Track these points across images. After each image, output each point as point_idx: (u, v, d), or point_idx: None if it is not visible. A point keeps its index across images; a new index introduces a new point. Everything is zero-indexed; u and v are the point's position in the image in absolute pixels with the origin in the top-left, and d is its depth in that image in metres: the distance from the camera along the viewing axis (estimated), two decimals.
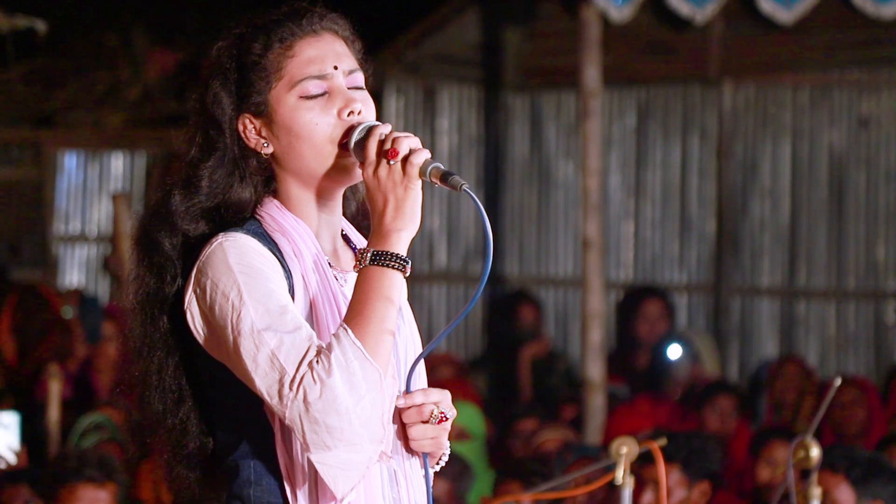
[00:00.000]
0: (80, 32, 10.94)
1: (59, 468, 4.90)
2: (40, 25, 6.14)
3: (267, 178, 2.58)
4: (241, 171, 2.56)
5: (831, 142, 8.98)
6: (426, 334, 10.58)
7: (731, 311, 9.10)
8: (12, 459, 5.71)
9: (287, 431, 2.45)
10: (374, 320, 2.42)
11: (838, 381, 4.13)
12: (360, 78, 2.62)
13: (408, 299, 2.66)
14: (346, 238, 2.67)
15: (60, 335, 8.04)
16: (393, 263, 2.45)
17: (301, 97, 2.54)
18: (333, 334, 2.42)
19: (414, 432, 2.53)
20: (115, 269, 9.92)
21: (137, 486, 5.65)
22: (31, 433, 6.17)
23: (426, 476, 2.58)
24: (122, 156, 11.03)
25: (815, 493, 4.09)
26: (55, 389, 6.42)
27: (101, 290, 10.50)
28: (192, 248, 2.54)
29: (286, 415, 2.38)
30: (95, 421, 6.24)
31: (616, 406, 7.45)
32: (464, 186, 2.50)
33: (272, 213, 2.56)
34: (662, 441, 4.01)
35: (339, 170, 2.54)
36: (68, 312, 8.40)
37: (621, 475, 3.90)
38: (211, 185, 2.55)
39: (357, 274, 2.48)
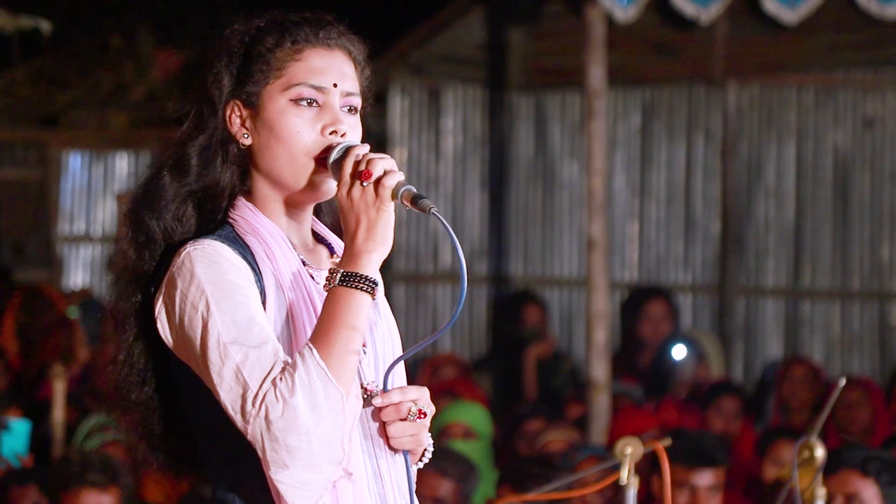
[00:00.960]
0: (85, 33, 10.94)
1: (62, 472, 4.89)
2: (45, 26, 6.14)
3: (242, 171, 2.59)
4: (224, 155, 2.58)
5: (836, 142, 8.97)
6: (430, 334, 10.56)
7: (735, 311, 9.09)
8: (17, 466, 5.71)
9: None
10: (340, 342, 2.43)
11: (843, 382, 4.13)
12: (356, 101, 2.65)
13: (413, 299, 2.67)
14: (318, 236, 2.69)
15: (65, 335, 8.04)
16: (361, 285, 2.47)
17: (292, 101, 2.56)
18: (298, 352, 2.43)
19: (393, 430, 2.55)
20: None
21: (143, 488, 5.65)
22: (36, 434, 6.17)
23: (408, 473, 2.60)
24: (127, 156, 11.04)
25: (821, 493, 4.08)
26: (59, 390, 6.42)
27: (106, 290, 10.49)
28: (170, 247, 2.55)
29: (248, 431, 2.40)
30: (100, 422, 6.24)
31: (624, 409, 7.45)
32: (432, 210, 2.52)
33: (244, 214, 2.58)
34: (667, 441, 4.01)
35: (309, 184, 2.56)
36: (73, 312, 8.41)
37: (626, 475, 3.90)
38: (198, 164, 2.56)
39: (325, 293, 2.49)
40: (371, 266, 2.49)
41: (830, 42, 8.87)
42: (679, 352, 8.08)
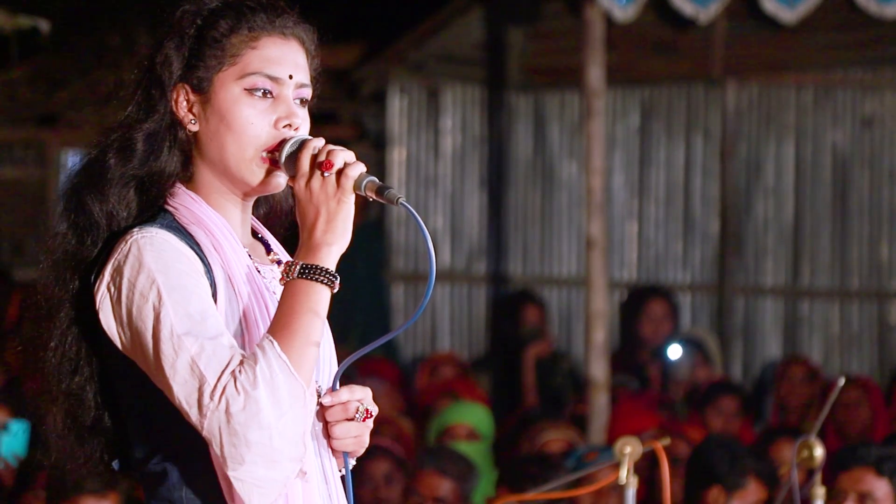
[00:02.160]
0: (84, 32, 10.94)
1: (59, 479, 4.86)
2: (43, 25, 6.14)
3: (184, 160, 2.49)
4: (170, 141, 2.48)
5: (835, 141, 8.97)
6: (430, 334, 10.59)
7: (734, 310, 9.09)
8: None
9: None
10: (301, 335, 2.35)
11: (842, 381, 4.13)
12: (307, 93, 2.54)
13: (412, 298, 2.64)
14: (253, 232, 2.61)
15: None
16: (321, 278, 2.39)
17: (246, 90, 2.47)
18: (258, 345, 2.35)
19: (338, 430, 2.46)
20: None
21: (139, 491, 5.64)
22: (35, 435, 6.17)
23: (346, 475, 2.50)
24: None
25: (819, 492, 4.09)
26: None
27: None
28: (113, 233, 2.45)
29: (204, 425, 2.30)
30: None
31: (623, 399, 7.46)
32: (400, 200, 2.41)
33: (186, 204, 2.48)
34: (666, 441, 4.01)
35: (256, 176, 2.48)
36: None
37: (625, 475, 3.90)
38: (144, 149, 2.47)
39: (283, 286, 2.41)
40: (331, 259, 2.41)
41: (829, 41, 8.87)
42: (674, 351, 8.08)
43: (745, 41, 8.96)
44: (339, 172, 2.42)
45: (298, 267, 2.40)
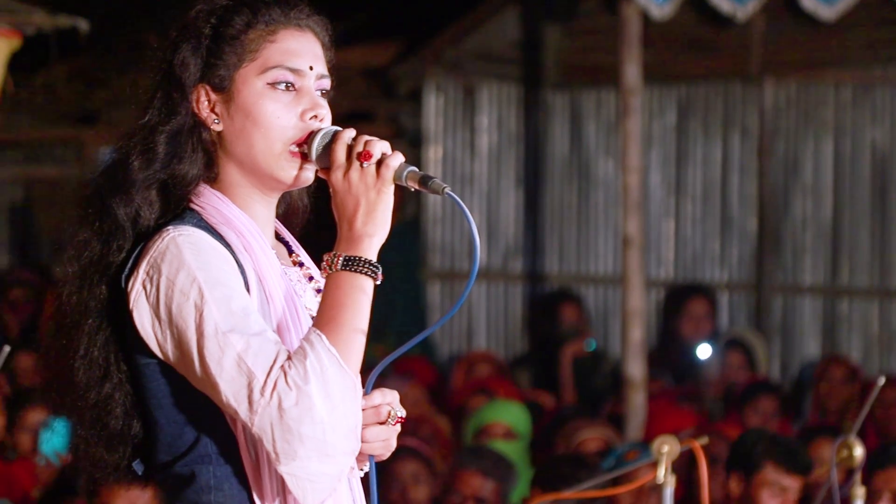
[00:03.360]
0: (122, 32, 10.99)
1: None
2: (83, 25, 6.16)
3: (208, 161, 2.46)
4: (194, 142, 2.45)
5: (874, 139, 8.92)
6: (466, 332, 10.57)
7: (772, 309, 9.05)
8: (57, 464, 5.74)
9: (250, 435, 2.33)
10: (347, 327, 2.33)
11: (882, 381, 4.11)
12: (327, 84, 2.50)
13: (448, 297, 2.61)
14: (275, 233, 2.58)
15: None
16: (364, 269, 2.36)
17: (269, 84, 2.44)
18: (305, 339, 2.33)
19: (368, 434, 2.42)
20: None
21: None
22: None
23: (371, 479, 2.45)
24: None
25: (859, 492, 4.06)
26: None
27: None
28: (141, 233, 2.42)
29: (255, 422, 2.27)
30: None
31: (659, 398, 7.44)
32: (446, 190, 2.38)
33: (214, 203, 2.45)
34: (704, 440, 4.00)
35: (286, 171, 2.45)
36: None
37: (663, 474, 3.89)
38: (167, 152, 2.43)
39: (325, 279, 2.38)
40: (372, 250, 2.37)
41: (868, 38, 8.81)
42: (704, 351, 8.06)
43: (783, 39, 8.92)
44: (378, 163, 2.40)
45: (341, 259, 2.37)
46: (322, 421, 2.27)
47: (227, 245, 2.40)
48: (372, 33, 10.10)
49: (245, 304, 2.35)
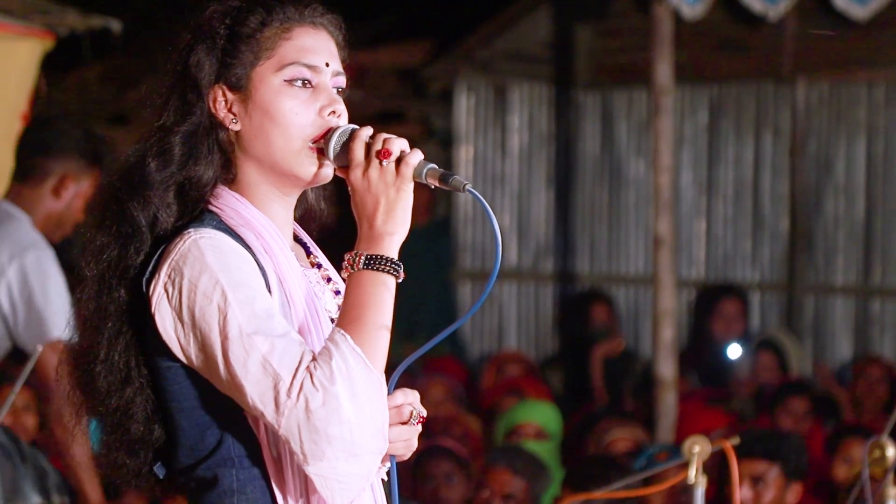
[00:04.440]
0: (155, 32, 11.04)
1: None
2: (115, 25, 6.19)
3: (225, 162, 2.45)
4: (210, 143, 2.44)
5: None
6: (497, 332, 10.57)
7: (804, 309, 9.02)
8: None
9: (274, 437, 2.34)
10: (372, 326, 2.32)
11: None
12: (342, 82, 2.49)
13: (478, 297, 2.58)
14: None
15: None
16: (387, 268, 2.35)
17: (286, 81, 2.44)
18: (329, 339, 2.32)
19: (391, 434, 2.39)
20: None
21: None
22: None
23: (392, 480, 2.45)
24: None
25: (892, 493, 4.04)
26: None
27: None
28: (160, 236, 2.40)
29: (281, 423, 2.27)
30: None
31: (690, 398, 7.43)
32: (467, 187, 2.38)
33: (232, 205, 2.43)
34: (735, 440, 3.99)
35: (305, 168, 2.44)
36: None
37: (694, 474, 3.88)
38: (183, 153, 2.43)
39: (347, 278, 2.38)
40: (393, 248, 2.37)
41: None
42: (734, 351, 8.04)
43: (815, 38, 8.88)
44: (397, 160, 2.39)
45: (363, 258, 2.37)
46: (349, 421, 2.26)
47: (248, 247, 2.39)
48: (403, 33, 10.11)
49: (268, 305, 2.34)
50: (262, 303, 2.33)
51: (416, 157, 2.39)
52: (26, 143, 4.89)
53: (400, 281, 2.39)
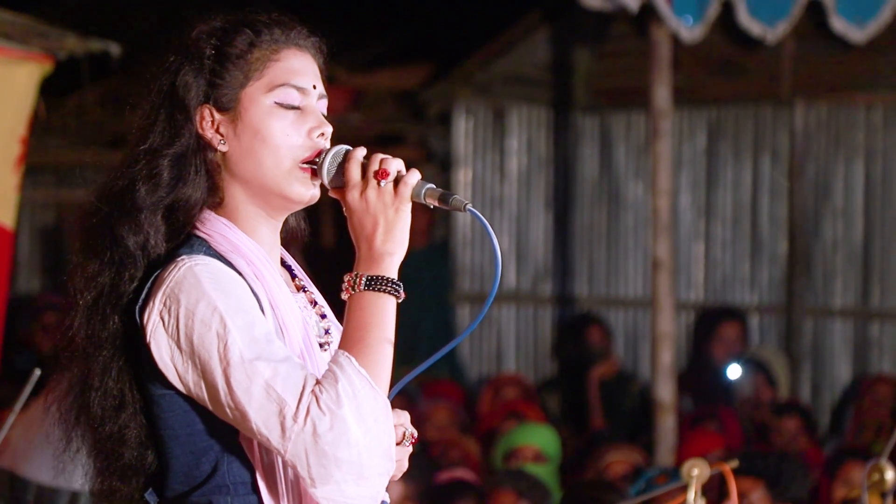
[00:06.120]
0: (153, 56, 11.05)
1: None
2: (114, 49, 6.20)
3: (211, 185, 2.43)
4: (197, 164, 2.43)
5: None
6: (495, 355, 10.54)
7: (803, 332, 9.01)
8: None
9: (270, 464, 2.33)
10: (375, 347, 2.33)
11: None
12: (325, 106, 2.50)
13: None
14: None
15: None
16: (387, 288, 2.36)
17: (277, 103, 2.44)
18: (333, 361, 2.31)
19: None
20: None
21: None
22: None
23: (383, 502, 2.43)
24: None
25: None
26: None
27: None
28: (151, 262, 2.39)
29: (288, 448, 2.26)
30: None
31: (684, 419, 7.42)
32: (467, 206, 2.38)
33: (221, 231, 2.42)
34: (734, 463, 3.98)
35: (295, 189, 2.43)
36: None
37: (692, 497, 3.87)
38: (172, 175, 2.41)
39: (348, 299, 2.37)
40: (392, 268, 2.38)
41: None
42: (734, 371, 8.03)
43: (813, 61, 8.90)
44: (395, 180, 2.39)
45: (364, 279, 2.37)
46: (357, 444, 2.26)
47: (239, 273, 2.39)
48: (401, 56, 10.12)
49: (267, 330, 2.34)
50: (260, 328, 2.33)
51: (414, 176, 2.40)
52: None
53: (400, 301, 2.39)
